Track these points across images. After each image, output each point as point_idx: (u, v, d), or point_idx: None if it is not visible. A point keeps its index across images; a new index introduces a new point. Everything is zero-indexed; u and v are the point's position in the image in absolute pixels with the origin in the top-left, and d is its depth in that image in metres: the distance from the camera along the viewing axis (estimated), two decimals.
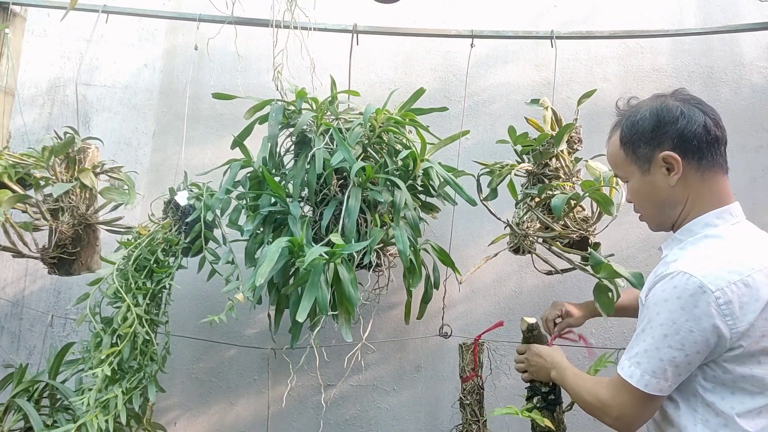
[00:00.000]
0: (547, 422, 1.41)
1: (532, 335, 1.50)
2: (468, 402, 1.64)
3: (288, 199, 1.66)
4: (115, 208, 1.90)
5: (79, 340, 1.77)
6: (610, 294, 1.51)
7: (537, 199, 1.72)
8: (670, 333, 1.02)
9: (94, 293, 1.61)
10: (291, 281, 1.64)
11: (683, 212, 1.14)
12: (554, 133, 1.72)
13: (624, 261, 1.89)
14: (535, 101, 1.83)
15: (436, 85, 2.29)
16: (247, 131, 1.79)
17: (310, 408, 2.10)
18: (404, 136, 1.75)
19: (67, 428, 1.49)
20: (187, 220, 1.74)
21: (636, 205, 1.22)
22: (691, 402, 1.08)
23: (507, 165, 1.75)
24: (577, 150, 1.79)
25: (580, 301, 1.66)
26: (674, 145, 1.11)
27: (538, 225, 1.70)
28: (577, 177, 1.75)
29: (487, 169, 1.79)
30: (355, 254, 1.60)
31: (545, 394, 1.47)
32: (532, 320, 1.51)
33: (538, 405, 1.47)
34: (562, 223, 1.67)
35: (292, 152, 1.80)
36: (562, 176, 1.72)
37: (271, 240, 1.61)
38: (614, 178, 1.61)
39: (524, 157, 1.79)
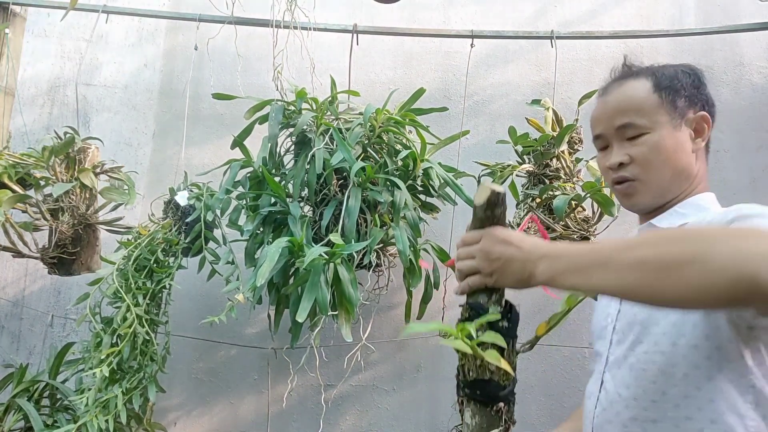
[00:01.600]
0: (504, 364, 0.78)
1: (492, 214, 0.85)
2: None
3: (288, 199, 1.66)
4: (115, 208, 1.90)
5: (79, 340, 1.77)
6: None
7: (538, 200, 1.72)
8: None
9: (94, 293, 1.61)
10: (291, 281, 1.64)
11: (689, 188, 0.96)
12: (555, 134, 1.72)
13: None
14: (536, 102, 1.83)
15: (436, 85, 2.29)
16: (247, 131, 1.79)
17: (310, 408, 2.10)
18: (404, 136, 1.75)
19: (67, 428, 1.49)
20: (187, 220, 1.74)
21: (648, 163, 0.95)
22: (736, 385, 0.79)
23: (508, 166, 1.75)
24: (578, 150, 1.79)
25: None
26: (705, 110, 0.98)
27: None
28: (577, 177, 1.75)
29: (489, 170, 1.79)
30: (355, 254, 1.60)
31: (496, 320, 0.83)
32: (498, 188, 0.85)
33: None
34: (563, 223, 1.67)
35: (292, 152, 1.80)
36: (563, 177, 1.72)
37: (271, 240, 1.61)
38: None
39: (525, 157, 1.79)
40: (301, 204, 1.72)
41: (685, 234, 0.70)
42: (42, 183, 1.78)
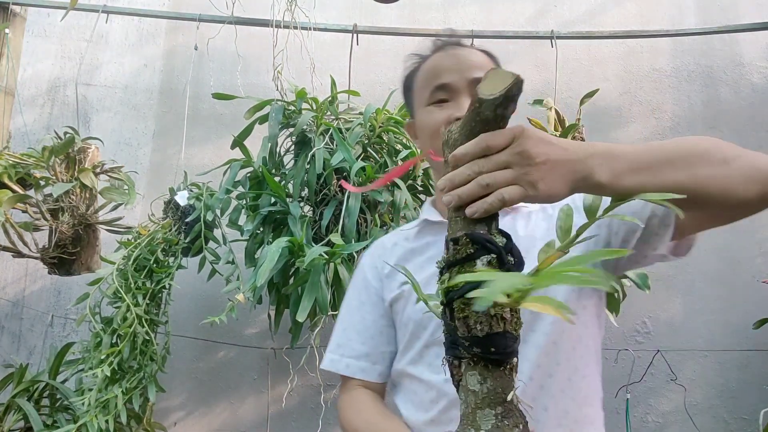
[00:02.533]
0: (550, 309, 0.48)
1: (504, 113, 0.61)
2: None
3: (288, 199, 1.66)
4: (115, 208, 1.90)
5: (79, 340, 1.77)
6: (616, 294, 1.51)
7: None
8: None
9: (94, 293, 1.61)
10: (291, 281, 1.64)
11: None
12: (558, 134, 1.72)
13: None
14: (538, 102, 1.83)
15: None
16: (247, 131, 1.79)
17: (310, 408, 2.10)
18: (404, 136, 1.75)
19: (67, 428, 1.49)
20: (187, 220, 1.74)
21: None
22: (598, 324, 0.90)
23: None
24: None
25: None
26: None
27: None
28: None
29: None
30: (355, 254, 1.60)
31: (501, 249, 0.59)
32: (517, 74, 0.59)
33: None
34: None
35: (292, 152, 1.80)
36: None
37: (271, 240, 1.61)
38: None
39: None
40: (301, 204, 1.72)
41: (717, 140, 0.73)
42: (42, 183, 1.78)
